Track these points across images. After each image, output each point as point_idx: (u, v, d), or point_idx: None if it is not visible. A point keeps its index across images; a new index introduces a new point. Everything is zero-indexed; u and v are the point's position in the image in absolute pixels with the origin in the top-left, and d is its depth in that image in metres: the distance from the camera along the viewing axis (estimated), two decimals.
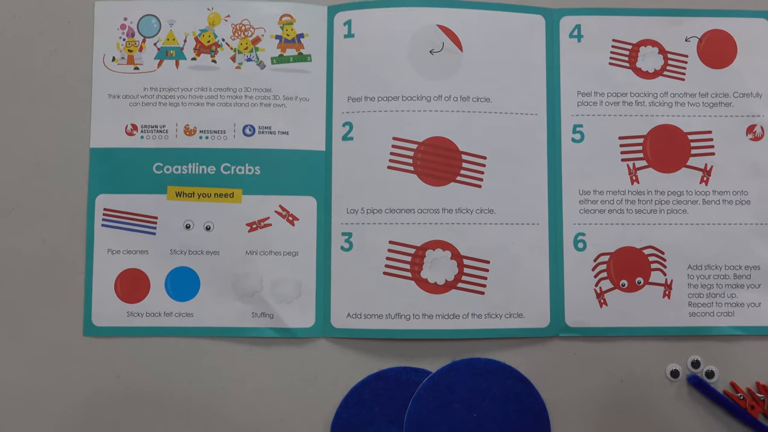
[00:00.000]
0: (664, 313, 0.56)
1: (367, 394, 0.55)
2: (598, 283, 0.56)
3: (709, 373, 0.56)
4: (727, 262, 0.57)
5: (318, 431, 0.55)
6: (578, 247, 0.57)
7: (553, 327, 0.56)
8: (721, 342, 0.57)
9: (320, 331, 0.55)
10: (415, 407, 0.55)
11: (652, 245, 0.57)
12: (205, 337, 0.55)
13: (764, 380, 0.56)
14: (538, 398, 0.55)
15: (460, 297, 0.55)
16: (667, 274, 0.57)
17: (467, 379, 0.55)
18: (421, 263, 0.55)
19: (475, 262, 0.55)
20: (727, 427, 0.56)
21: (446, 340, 0.56)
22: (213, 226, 0.56)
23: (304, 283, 0.55)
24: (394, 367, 0.55)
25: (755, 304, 0.57)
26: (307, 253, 0.56)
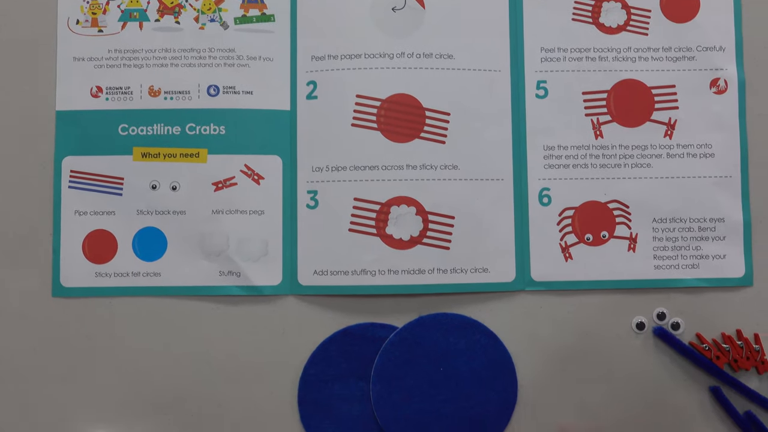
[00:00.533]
0: (629, 266, 0.57)
1: (334, 350, 0.55)
2: (563, 237, 0.57)
3: (674, 325, 0.56)
4: (691, 215, 0.57)
5: (286, 388, 0.55)
6: (543, 202, 0.57)
7: (518, 281, 0.56)
8: (686, 294, 0.57)
9: (287, 289, 0.56)
10: (382, 362, 0.55)
11: (616, 199, 0.57)
12: (172, 296, 0.55)
13: (729, 331, 0.56)
14: (505, 352, 0.56)
15: (426, 252, 0.55)
16: (632, 228, 0.57)
17: (433, 333, 0.55)
18: (385, 219, 0.55)
19: (439, 217, 0.56)
20: (693, 377, 0.56)
21: (412, 295, 0.56)
22: (179, 186, 0.56)
23: (271, 242, 0.56)
24: (360, 323, 0.56)
25: (720, 256, 0.57)
26: (273, 211, 0.56)
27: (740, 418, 0.56)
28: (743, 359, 0.56)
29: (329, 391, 0.55)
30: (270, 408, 0.55)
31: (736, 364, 0.56)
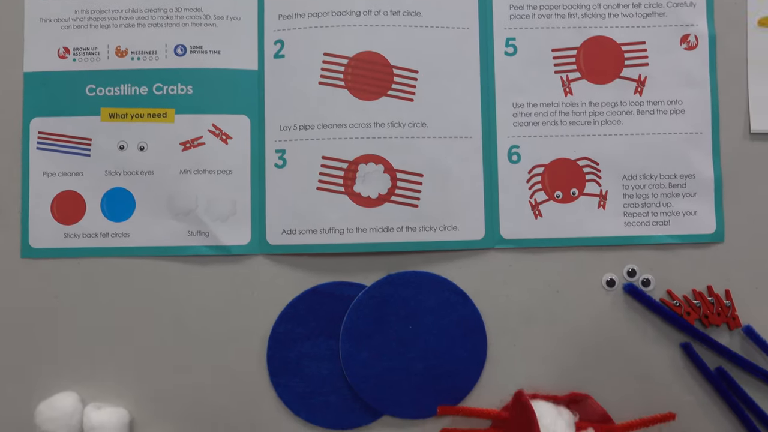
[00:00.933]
0: (599, 224, 0.56)
1: (303, 309, 0.55)
2: (532, 194, 0.56)
3: (645, 281, 0.56)
4: (662, 171, 0.57)
5: (255, 347, 0.55)
6: (512, 159, 0.56)
7: (488, 239, 0.56)
8: (656, 251, 0.56)
9: (256, 248, 0.55)
10: (351, 320, 0.55)
11: (586, 156, 0.56)
12: (141, 256, 0.55)
13: (700, 287, 0.56)
14: (474, 310, 0.55)
15: (394, 210, 0.55)
16: (602, 185, 0.56)
17: (403, 291, 0.55)
18: (353, 177, 0.55)
19: (408, 175, 0.55)
20: (664, 334, 0.56)
21: (381, 254, 0.55)
22: (147, 146, 0.55)
23: (239, 201, 0.55)
24: (329, 282, 0.55)
25: (690, 212, 0.57)
26: (241, 171, 0.56)
27: (711, 374, 0.55)
28: (714, 315, 0.56)
29: (298, 349, 0.55)
30: (239, 367, 0.55)
31: (707, 320, 0.55)
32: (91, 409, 0.53)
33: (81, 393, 0.54)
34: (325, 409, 0.55)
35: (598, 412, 0.55)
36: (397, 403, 0.54)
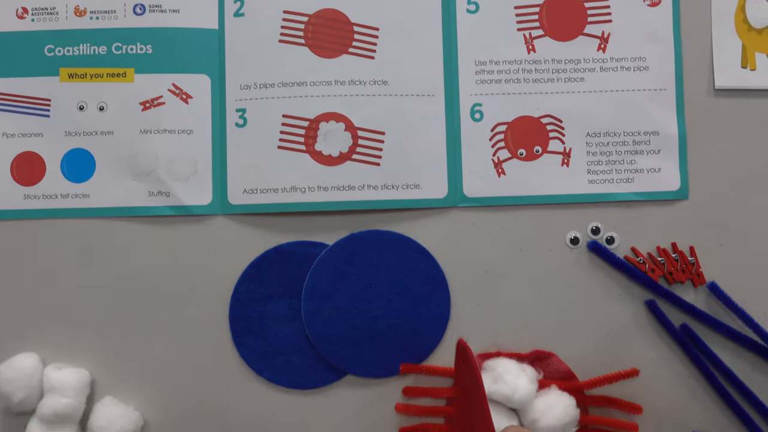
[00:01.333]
0: (562, 181, 0.56)
1: (265, 269, 0.55)
2: (495, 152, 0.56)
3: (609, 239, 0.56)
4: (625, 128, 0.56)
5: (218, 308, 0.54)
6: (475, 117, 0.56)
7: (451, 197, 0.55)
8: (621, 208, 0.56)
9: (218, 209, 0.55)
10: (313, 279, 0.54)
11: (549, 114, 0.56)
12: (102, 217, 0.55)
13: (664, 244, 0.56)
14: (438, 268, 0.55)
15: (355, 168, 0.55)
16: (566, 142, 0.56)
17: (365, 250, 0.55)
18: (314, 136, 0.55)
19: (369, 133, 0.55)
20: (628, 291, 0.55)
21: (344, 213, 0.55)
22: (106, 106, 0.55)
23: (200, 161, 0.55)
24: (291, 241, 0.55)
25: (655, 169, 0.56)
26: (201, 130, 0.55)
27: (675, 331, 0.55)
28: (678, 272, 0.55)
29: (261, 309, 0.54)
30: (201, 327, 0.54)
31: (672, 276, 0.55)
32: (51, 370, 0.52)
33: (41, 354, 0.54)
34: (288, 369, 0.54)
35: (562, 370, 0.54)
36: (360, 362, 0.54)
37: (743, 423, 0.55)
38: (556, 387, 0.53)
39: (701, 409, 0.55)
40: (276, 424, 0.54)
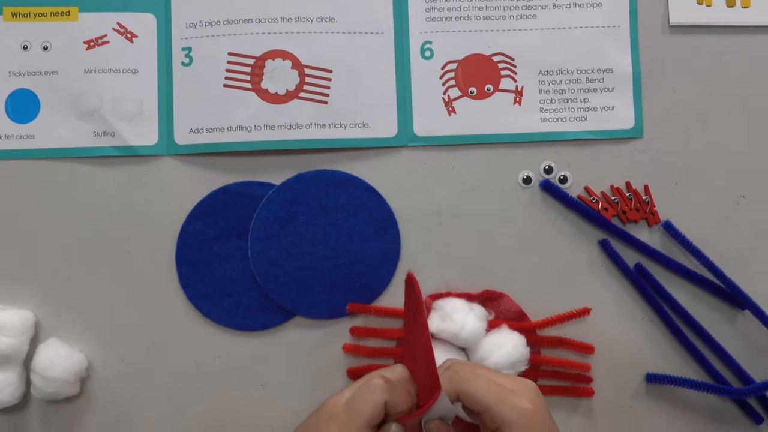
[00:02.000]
0: (514, 120, 0.55)
1: (212, 209, 0.54)
2: (446, 91, 0.55)
3: (562, 178, 0.54)
4: (578, 66, 0.55)
5: (164, 249, 0.53)
6: (425, 55, 0.55)
7: (400, 137, 0.54)
8: (574, 147, 0.55)
9: (164, 149, 0.54)
10: (260, 219, 0.53)
11: (501, 52, 0.55)
12: (47, 158, 0.54)
13: (618, 183, 0.54)
14: (387, 209, 0.54)
15: (303, 107, 0.53)
16: (518, 81, 0.55)
17: (313, 189, 0.54)
18: (260, 74, 0.53)
19: (317, 71, 0.54)
20: (581, 231, 0.54)
21: (292, 153, 0.54)
22: (50, 45, 0.54)
23: (146, 101, 0.54)
24: (238, 181, 0.54)
25: (609, 107, 0.55)
26: (147, 70, 0.54)
27: (629, 271, 0.54)
28: (632, 211, 0.54)
29: (208, 250, 0.53)
30: (148, 269, 0.53)
31: (625, 216, 0.54)
32: None
33: None
34: (236, 311, 0.53)
35: (514, 310, 0.53)
36: (308, 303, 0.53)
37: (698, 364, 0.54)
38: (507, 327, 0.52)
39: (655, 350, 0.54)
40: (223, 366, 0.53)
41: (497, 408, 0.38)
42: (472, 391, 0.39)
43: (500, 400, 0.38)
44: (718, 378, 0.53)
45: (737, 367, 0.53)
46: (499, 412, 0.38)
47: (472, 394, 0.39)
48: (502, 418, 0.38)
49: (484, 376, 0.40)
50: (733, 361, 0.53)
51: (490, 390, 0.39)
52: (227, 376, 0.53)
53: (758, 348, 0.54)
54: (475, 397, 0.39)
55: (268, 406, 0.53)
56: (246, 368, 0.53)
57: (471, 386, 0.39)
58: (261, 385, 0.53)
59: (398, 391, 0.40)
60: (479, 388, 0.39)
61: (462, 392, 0.40)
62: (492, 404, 0.38)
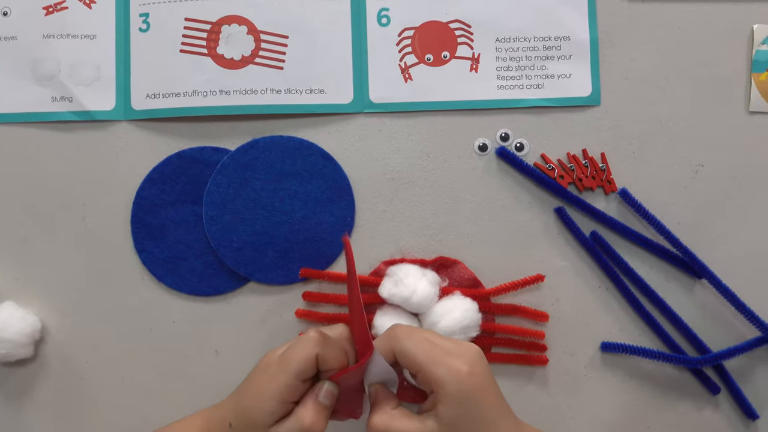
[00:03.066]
0: (471, 87, 0.54)
1: (168, 174, 0.53)
2: (402, 58, 0.54)
3: (518, 146, 0.54)
4: (536, 33, 0.54)
5: (120, 213, 0.53)
6: (382, 22, 0.54)
7: (356, 103, 0.54)
8: (531, 115, 0.54)
9: (121, 114, 0.54)
10: (215, 184, 0.53)
11: (458, 19, 0.54)
12: (5, 123, 0.54)
13: (575, 151, 0.54)
14: (343, 175, 0.53)
15: (258, 72, 0.53)
16: (474, 48, 0.54)
17: (268, 155, 0.53)
18: (217, 39, 0.53)
19: (272, 37, 0.53)
20: (537, 198, 0.54)
21: (247, 119, 0.54)
22: (10, 11, 0.54)
23: (103, 66, 0.54)
24: (194, 146, 0.54)
25: (566, 75, 0.54)
26: (105, 35, 0.54)
27: (585, 239, 0.53)
28: (588, 179, 0.53)
29: (163, 215, 0.53)
30: (104, 233, 0.53)
31: (581, 183, 0.53)
32: None
33: None
34: (190, 275, 0.53)
35: (468, 277, 0.53)
36: (261, 268, 0.53)
37: (655, 333, 0.53)
38: (460, 293, 0.51)
39: (611, 319, 0.53)
40: (177, 331, 0.53)
41: (429, 367, 0.37)
42: (406, 349, 0.38)
43: (434, 360, 0.37)
44: (674, 347, 0.52)
45: (694, 337, 0.52)
46: (430, 371, 0.37)
47: (406, 352, 0.38)
48: (434, 377, 0.37)
49: (422, 336, 0.39)
50: (689, 331, 0.52)
51: (425, 349, 0.38)
52: (181, 341, 0.53)
53: (715, 317, 0.53)
54: (409, 355, 0.38)
55: (221, 372, 0.52)
56: (200, 333, 0.53)
57: (406, 344, 0.38)
58: (215, 351, 0.53)
59: (332, 347, 0.39)
60: (414, 346, 0.38)
61: (397, 350, 0.39)
62: (425, 363, 0.37)
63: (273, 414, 0.38)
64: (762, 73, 0.54)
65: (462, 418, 0.36)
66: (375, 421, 0.38)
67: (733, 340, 0.53)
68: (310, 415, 0.38)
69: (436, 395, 0.37)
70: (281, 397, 0.38)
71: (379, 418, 0.38)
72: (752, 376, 0.53)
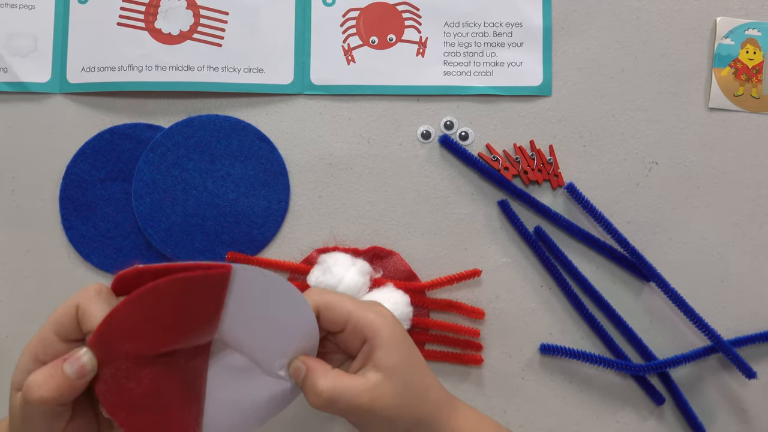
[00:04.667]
0: (416, 72, 0.51)
1: (100, 149, 0.51)
2: (346, 39, 0.52)
3: (463, 135, 0.51)
4: (486, 19, 0.51)
5: (49, 189, 0.51)
6: (327, 2, 0.52)
7: (296, 84, 0.51)
8: (478, 103, 0.51)
9: (56, 87, 0.52)
10: (145, 162, 0.50)
11: (406, 1, 0.51)
12: None
13: (522, 142, 0.51)
14: (279, 158, 0.51)
15: (196, 48, 0.51)
16: (422, 32, 0.52)
17: (203, 134, 0.51)
18: (155, 13, 0.51)
19: (212, 12, 0.51)
20: (480, 190, 0.51)
21: (184, 97, 0.51)
22: None
23: (41, 37, 0.52)
24: (127, 123, 0.52)
25: (516, 63, 0.51)
26: (44, 6, 0.52)
27: (528, 234, 0.50)
28: (534, 171, 0.50)
29: (92, 191, 0.51)
30: (31, 208, 0.51)
31: (527, 176, 0.50)
32: None
33: None
34: (117, 255, 0.51)
35: (403, 270, 0.50)
36: (189, 251, 0.50)
37: (598, 337, 0.49)
38: (392, 285, 0.49)
39: (552, 320, 0.50)
40: None
41: (360, 312, 0.34)
42: (331, 301, 0.35)
43: (362, 308, 0.35)
44: (618, 353, 0.49)
45: (639, 343, 0.49)
46: (362, 316, 0.34)
47: (332, 303, 0.35)
48: (367, 322, 0.34)
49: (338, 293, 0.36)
50: (634, 336, 0.49)
51: (349, 300, 0.35)
52: None
53: (662, 323, 0.49)
54: (335, 306, 0.35)
55: None
56: None
57: (329, 297, 0.35)
58: None
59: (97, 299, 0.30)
60: (338, 298, 0.35)
61: (322, 304, 0.35)
62: (354, 310, 0.35)
63: (23, 371, 0.30)
64: (724, 68, 0.50)
65: (401, 363, 0.34)
66: (320, 385, 0.33)
67: (681, 347, 0.49)
68: (35, 377, 0.29)
69: (372, 342, 0.34)
70: (34, 352, 0.30)
71: (324, 382, 0.33)
72: (700, 387, 0.49)
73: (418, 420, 0.35)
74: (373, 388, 0.33)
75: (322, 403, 0.33)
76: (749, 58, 0.50)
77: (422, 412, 0.35)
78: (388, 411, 0.34)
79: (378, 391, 0.33)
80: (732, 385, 0.49)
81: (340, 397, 0.33)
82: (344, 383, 0.34)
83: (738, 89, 0.50)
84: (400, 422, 0.34)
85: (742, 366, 0.47)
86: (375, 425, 0.34)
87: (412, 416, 0.34)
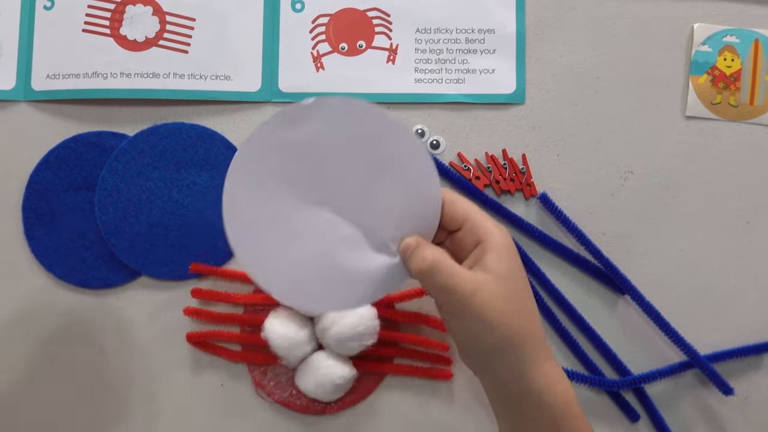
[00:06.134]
0: (387, 79, 0.50)
1: (64, 158, 0.49)
2: (315, 46, 0.50)
3: (434, 143, 0.49)
4: (458, 25, 0.50)
5: (13, 197, 0.49)
6: (296, 8, 0.50)
7: (264, 91, 0.50)
8: (449, 111, 0.50)
9: (21, 94, 0.50)
10: (109, 171, 0.49)
11: (376, 7, 0.50)
12: None
13: (494, 151, 0.49)
14: None
15: (162, 55, 0.49)
16: (393, 38, 0.50)
17: (169, 143, 0.49)
18: (120, 19, 0.50)
19: (178, 19, 0.50)
20: None
21: (150, 104, 0.50)
22: None
23: (6, 44, 0.50)
24: (92, 131, 0.50)
25: (488, 70, 0.50)
26: (9, 12, 0.50)
27: None
28: (506, 181, 0.49)
29: (55, 201, 0.49)
30: None
31: (499, 186, 0.48)
32: None
33: None
34: (80, 266, 0.49)
35: None
36: (153, 262, 0.48)
37: (571, 351, 0.48)
38: None
39: None
40: (63, 325, 0.49)
41: (479, 215, 0.35)
42: (455, 198, 0.36)
43: (482, 213, 0.36)
44: (591, 368, 0.47)
45: (613, 357, 0.47)
46: (482, 219, 0.35)
47: (456, 199, 0.36)
48: (484, 226, 0.35)
49: None
50: (609, 351, 0.47)
51: (471, 203, 0.36)
52: (66, 336, 0.49)
53: (637, 337, 0.48)
54: (458, 202, 0.36)
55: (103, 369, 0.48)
56: (86, 328, 0.49)
57: (454, 195, 0.36)
58: (100, 348, 0.49)
59: None
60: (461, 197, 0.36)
61: (446, 198, 0.36)
62: (473, 212, 0.35)
63: None
64: (701, 75, 0.49)
65: (509, 274, 0.34)
66: (426, 254, 0.33)
67: (657, 363, 0.47)
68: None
69: (485, 245, 0.34)
70: None
71: (430, 253, 0.33)
72: (676, 404, 0.47)
73: (508, 338, 0.33)
74: (478, 281, 0.33)
75: (424, 267, 0.33)
76: (727, 65, 0.48)
77: (516, 331, 0.33)
78: (485, 310, 0.33)
79: (483, 286, 0.33)
80: (709, 402, 0.47)
81: (444, 269, 0.33)
82: (452, 263, 0.34)
83: (716, 97, 0.48)
84: (491, 330, 0.33)
85: (719, 382, 0.45)
86: (466, 322, 0.33)
87: (505, 331, 0.33)
